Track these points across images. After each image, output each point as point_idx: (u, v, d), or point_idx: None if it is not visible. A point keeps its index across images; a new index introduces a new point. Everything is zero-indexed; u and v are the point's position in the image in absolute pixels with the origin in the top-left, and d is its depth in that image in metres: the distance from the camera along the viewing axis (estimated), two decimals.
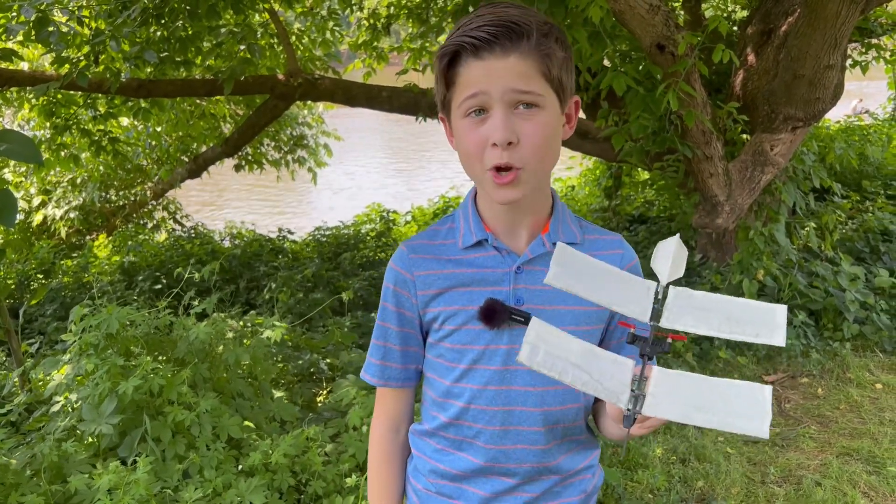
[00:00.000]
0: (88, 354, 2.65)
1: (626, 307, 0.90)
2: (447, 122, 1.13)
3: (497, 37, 1.00)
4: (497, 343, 1.12)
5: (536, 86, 1.02)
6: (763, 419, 0.81)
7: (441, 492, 1.21)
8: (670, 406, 0.85)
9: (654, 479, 2.92)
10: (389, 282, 1.19)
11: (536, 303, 1.11)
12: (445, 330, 1.15)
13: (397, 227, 7.71)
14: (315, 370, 3.76)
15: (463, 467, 1.18)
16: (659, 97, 3.50)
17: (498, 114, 1.01)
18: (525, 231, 1.14)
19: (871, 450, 3.14)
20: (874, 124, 7.80)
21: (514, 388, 1.13)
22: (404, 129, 18.55)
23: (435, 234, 1.19)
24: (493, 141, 1.01)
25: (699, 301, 0.90)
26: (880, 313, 4.27)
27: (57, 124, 5.42)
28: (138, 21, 4.08)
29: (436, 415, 1.20)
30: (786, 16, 4.35)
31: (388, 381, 1.23)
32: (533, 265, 1.12)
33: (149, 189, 7.64)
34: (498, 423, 1.14)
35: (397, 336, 1.20)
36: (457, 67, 1.04)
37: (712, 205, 4.06)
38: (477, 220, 1.15)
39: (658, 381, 0.87)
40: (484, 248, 1.14)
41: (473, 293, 1.12)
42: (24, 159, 1.87)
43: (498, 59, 1.01)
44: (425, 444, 1.23)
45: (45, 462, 2.35)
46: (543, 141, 1.04)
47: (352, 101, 5.78)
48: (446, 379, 1.17)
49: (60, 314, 5.07)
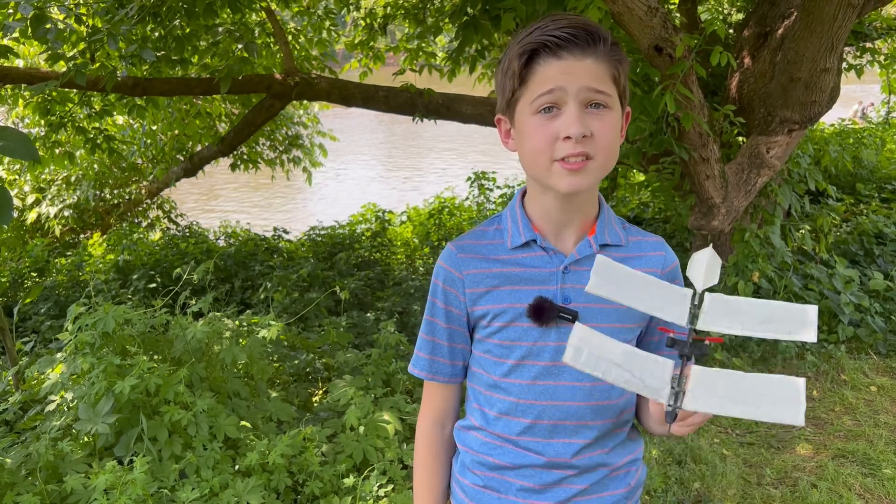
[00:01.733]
0: (84, 353, 2.64)
1: (665, 312, 0.97)
2: (507, 122, 1.16)
3: (577, 38, 1.06)
4: (545, 340, 1.15)
5: (608, 88, 1.08)
6: (798, 407, 0.86)
7: (489, 485, 1.22)
8: (709, 400, 0.90)
9: (650, 480, 2.92)
10: (438, 279, 1.22)
11: (583, 301, 1.14)
12: (494, 326, 1.17)
13: (392, 227, 7.70)
14: (311, 370, 3.76)
15: (511, 460, 1.20)
16: (656, 99, 3.51)
17: (572, 110, 1.05)
18: (573, 232, 1.18)
19: (866, 452, 3.15)
20: (868, 127, 7.83)
21: (563, 382, 1.16)
22: (400, 129, 18.56)
23: (482, 235, 1.22)
24: (568, 134, 1.05)
25: (734, 305, 0.96)
26: (875, 316, 4.29)
27: (52, 122, 5.39)
28: (135, 19, 4.07)
29: (482, 409, 1.22)
30: (782, 19, 4.37)
31: (435, 376, 1.26)
32: (580, 265, 1.16)
33: (144, 188, 7.61)
34: (547, 417, 1.16)
35: (445, 332, 1.23)
36: (533, 66, 1.08)
37: (708, 207, 4.06)
38: (526, 221, 1.18)
39: (697, 379, 0.92)
40: (532, 249, 1.17)
41: (521, 291, 1.16)
42: (21, 156, 1.86)
43: (576, 59, 1.06)
44: (472, 437, 1.25)
45: (41, 461, 2.34)
46: (613, 139, 1.09)
47: (348, 101, 5.77)
48: (493, 374, 1.19)
49: (55, 313, 5.05)
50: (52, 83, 4.06)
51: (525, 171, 1.15)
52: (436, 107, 5.43)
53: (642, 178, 7.03)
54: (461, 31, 4.43)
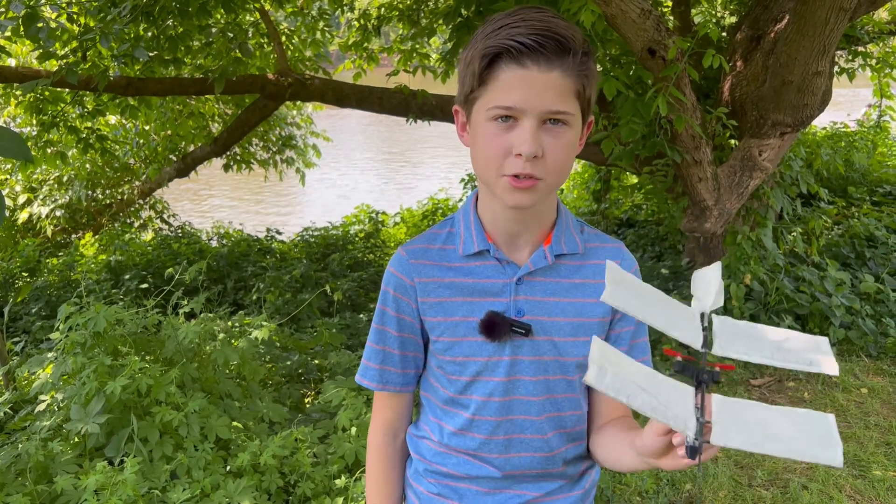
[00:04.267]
0: (75, 353, 2.63)
1: (680, 333, 0.86)
2: (463, 116, 1.11)
3: (544, 48, 0.97)
4: (500, 355, 1.11)
5: (570, 105, 1.01)
6: (836, 447, 0.77)
7: (442, 493, 1.21)
8: (739, 434, 0.79)
9: (642, 482, 2.93)
10: (389, 286, 1.17)
11: (537, 314, 1.11)
12: (446, 342, 1.14)
13: (386, 228, 7.70)
14: (303, 371, 3.75)
15: (465, 471, 1.18)
16: (649, 102, 3.52)
17: (528, 127, 0.99)
18: (527, 241, 1.13)
19: (856, 454, 3.16)
20: (860, 131, 7.88)
21: (517, 397, 1.13)
22: (394, 130, 18.55)
23: (434, 238, 1.18)
24: (520, 152, 0.99)
25: (744, 329, 0.89)
26: (866, 318, 4.31)
27: (44, 121, 5.38)
28: (128, 18, 4.06)
29: (440, 423, 1.20)
30: (774, 22, 4.39)
31: (386, 386, 1.21)
32: (534, 276, 1.12)
33: (136, 188, 7.59)
34: (502, 432, 1.14)
35: (396, 340, 1.19)
36: (495, 70, 1.00)
37: (701, 209, 4.08)
38: (479, 228, 1.14)
39: (720, 409, 0.82)
40: (484, 258, 1.13)
41: (474, 304, 1.12)
42: (13, 156, 1.85)
43: (541, 71, 0.98)
44: (425, 447, 1.22)
45: (31, 462, 2.33)
46: (566, 158, 1.04)
47: (342, 102, 5.77)
48: (448, 390, 1.17)
49: (46, 313, 5.03)
50: (44, 81, 4.05)
51: (475, 172, 1.10)
52: (430, 108, 5.43)
53: (635, 181, 7.05)
54: (455, 33, 4.43)
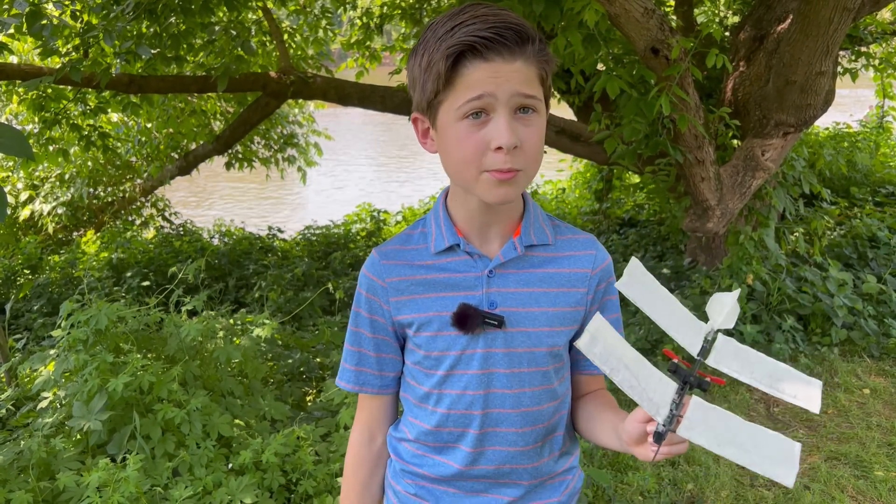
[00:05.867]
0: (77, 350, 2.63)
1: (681, 336, 0.96)
2: (425, 122, 1.09)
3: (506, 38, 0.98)
4: (473, 347, 1.12)
5: (536, 91, 1.03)
6: (791, 469, 0.86)
7: (418, 494, 1.21)
8: (703, 433, 0.89)
9: (644, 481, 2.93)
10: (362, 288, 1.18)
11: (510, 305, 1.12)
12: (421, 337, 1.14)
13: (387, 227, 7.70)
14: (305, 369, 3.75)
15: (442, 472, 1.18)
16: (651, 101, 3.51)
17: (503, 117, 1.00)
18: (497, 234, 1.14)
19: (858, 454, 3.16)
20: (862, 131, 7.87)
21: (493, 390, 1.13)
22: (396, 129, 18.54)
23: (408, 239, 1.19)
24: (500, 144, 0.99)
25: (744, 352, 0.97)
26: (868, 319, 4.30)
27: (46, 118, 5.38)
28: (131, 16, 4.06)
29: (416, 422, 1.19)
30: (778, 22, 4.38)
31: (363, 387, 1.22)
32: (505, 268, 1.13)
33: (138, 186, 7.58)
34: (477, 426, 1.14)
35: (371, 342, 1.19)
36: (459, 69, 1.00)
37: (703, 209, 4.07)
38: (449, 224, 1.14)
39: (695, 409, 0.91)
40: (456, 253, 1.13)
41: (447, 298, 1.12)
42: (15, 153, 1.85)
43: (505, 61, 0.99)
44: (403, 448, 1.22)
45: (33, 458, 2.33)
46: (540, 145, 1.05)
47: (345, 101, 5.77)
48: (424, 385, 1.17)
49: (47, 310, 5.04)
50: (47, 79, 4.05)
51: (449, 176, 1.11)
52: None
53: (637, 180, 7.05)
54: None
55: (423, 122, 1.10)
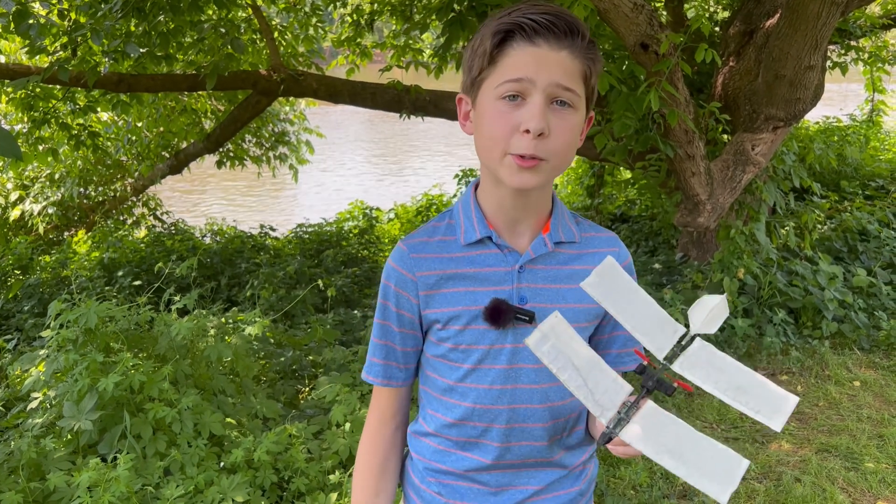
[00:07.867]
0: (67, 350, 2.62)
1: (647, 339, 0.93)
2: (468, 104, 1.11)
3: (556, 26, 1.00)
4: (502, 342, 1.11)
5: (577, 86, 1.03)
6: (727, 486, 0.83)
7: (442, 493, 1.20)
8: (646, 440, 0.87)
9: (636, 475, 2.93)
10: (390, 281, 1.17)
11: (539, 301, 1.11)
12: (450, 331, 1.13)
13: (380, 224, 7.70)
14: (297, 367, 3.75)
15: (466, 466, 1.17)
16: (641, 96, 3.52)
17: (537, 102, 1.00)
18: (527, 229, 1.14)
19: (849, 446, 3.18)
20: (852, 125, 7.90)
21: (520, 385, 1.13)
22: (387, 126, 18.52)
23: (434, 231, 1.18)
24: (527, 128, 1.00)
25: (718, 361, 0.92)
26: (858, 312, 4.33)
27: (35, 118, 5.35)
28: (119, 14, 4.04)
29: (436, 415, 1.19)
30: (767, 17, 4.40)
31: (390, 381, 1.21)
32: (535, 264, 1.13)
33: (129, 185, 7.55)
34: (503, 421, 1.14)
35: (398, 336, 1.18)
36: (506, 48, 1.02)
37: (694, 204, 4.08)
38: (480, 216, 1.14)
39: (646, 415, 0.89)
40: (486, 246, 1.13)
41: (476, 293, 1.12)
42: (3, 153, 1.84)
43: (552, 49, 1.01)
44: (425, 445, 1.22)
45: (24, 459, 2.32)
46: (571, 140, 1.05)
47: (335, 98, 5.75)
48: (449, 378, 1.16)
49: (38, 311, 5.01)
50: (35, 78, 4.03)
51: (479, 157, 1.10)
52: (423, 104, 5.43)
53: (629, 176, 7.07)
54: (448, 28, 4.42)
55: (466, 104, 1.12)
